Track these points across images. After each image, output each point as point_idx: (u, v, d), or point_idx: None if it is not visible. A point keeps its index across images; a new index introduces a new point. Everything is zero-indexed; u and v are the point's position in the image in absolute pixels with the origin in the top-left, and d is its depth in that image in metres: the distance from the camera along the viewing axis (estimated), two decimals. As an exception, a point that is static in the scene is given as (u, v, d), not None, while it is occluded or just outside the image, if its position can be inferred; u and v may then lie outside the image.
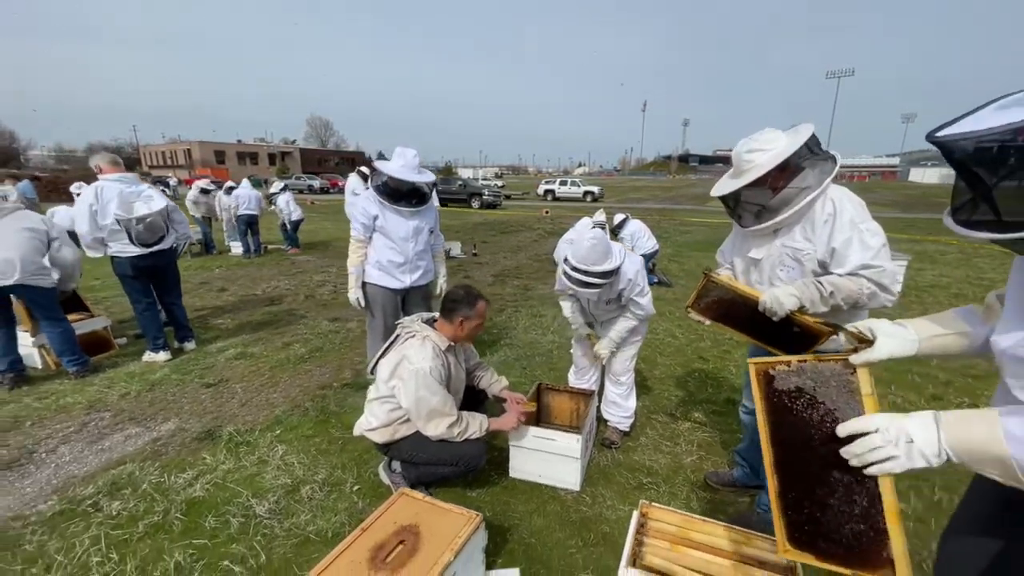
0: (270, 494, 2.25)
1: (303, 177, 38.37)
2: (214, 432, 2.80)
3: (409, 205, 2.93)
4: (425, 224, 3.08)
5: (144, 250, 3.52)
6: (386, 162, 2.95)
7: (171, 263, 3.86)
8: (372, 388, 2.21)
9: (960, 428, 0.88)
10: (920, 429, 0.90)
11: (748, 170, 1.69)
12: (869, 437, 0.93)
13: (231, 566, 1.84)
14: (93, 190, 3.38)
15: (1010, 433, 0.82)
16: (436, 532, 1.61)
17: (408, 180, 2.86)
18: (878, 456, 0.92)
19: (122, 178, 3.48)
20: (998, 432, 0.83)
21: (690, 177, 70.07)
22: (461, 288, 2.17)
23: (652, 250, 6.70)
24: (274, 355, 4.00)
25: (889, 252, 1.65)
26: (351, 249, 3.02)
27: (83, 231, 3.37)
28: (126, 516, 2.11)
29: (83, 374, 3.52)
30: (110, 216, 3.38)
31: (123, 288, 3.69)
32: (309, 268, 7.70)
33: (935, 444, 0.88)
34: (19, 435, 2.77)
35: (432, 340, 2.10)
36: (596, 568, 1.85)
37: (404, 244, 2.98)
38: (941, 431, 0.89)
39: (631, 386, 2.71)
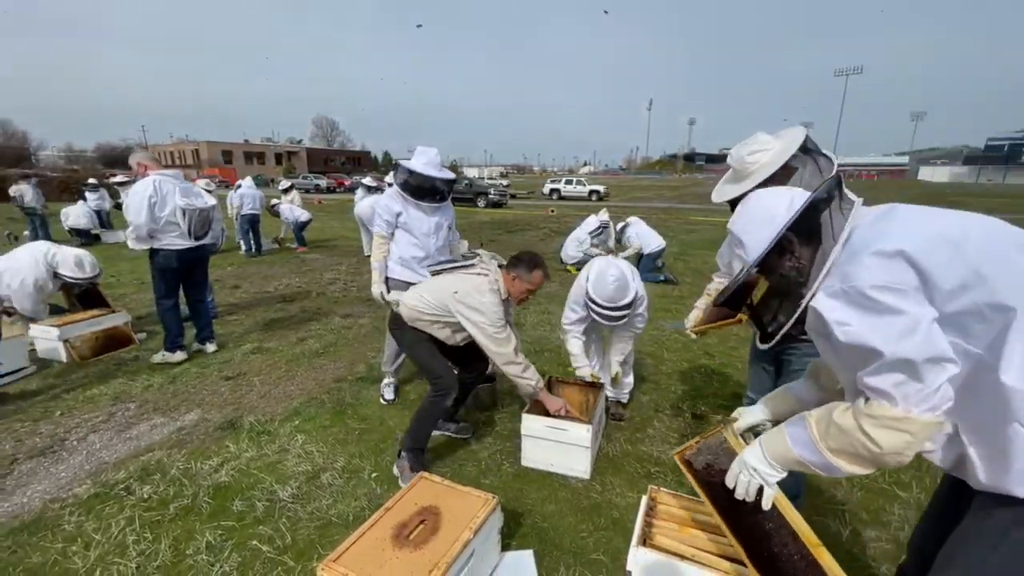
0: (292, 480, 2.35)
1: (309, 177, 38.69)
2: (235, 422, 2.90)
3: (432, 201, 3.04)
4: (445, 220, 3.19)
5: (194, 243, 3.64)
6: (410, 161, 3.06)
7: (207, 259, 3.98)
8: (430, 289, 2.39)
9: (769, 442, 1.17)
10: (750, 453, 1.21)
11: (754, 172, 1.74)
12: (736, 477, 1.24)
13: (259, 546, 1.93)
14: (152, 183, 3.46)
15: (793, 438, 1.11)
16: (455, 512, 1.70)
17: (433, 176, 2.98)
18: (744, 486, 1.21)
19: (175, 175, 3.64)
20: (787, 440, 1.12)
21: (696, 176, 69.83)
22: (529, 253, 2.35)
23: (659, 248, 6.77)
24: (289, 350, 4.10)
25: None
26: (375, 245, 3.13)
27: (140, 222, 3.41)
28: (157, 499, 2.21)
29: None
30: (168, 207, 3.49)
31: (155, 284, 3.69)
32: (319, 266, 7.82)
33: (763, 459, 1.18)
34: (50, 424, 2.89)
35: (498, 286, 2.30)
36: (607, 550, 1.93)
37: (426, 240, 3.08)
38: (763, 449, 1.19)
39: (630, 364, 2.95)
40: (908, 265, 0.90)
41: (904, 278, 0.90)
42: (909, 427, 0.92)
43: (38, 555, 1.90)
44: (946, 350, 0.88)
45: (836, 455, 1.03)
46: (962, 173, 60.03)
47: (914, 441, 0.93)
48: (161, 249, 3.57)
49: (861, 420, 0.96)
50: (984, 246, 0.90)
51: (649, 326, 4.67)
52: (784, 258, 1.07)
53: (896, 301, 0.89)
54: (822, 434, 1.05)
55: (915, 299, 0.90)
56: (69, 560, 1.87)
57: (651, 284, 6.48)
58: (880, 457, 0.96)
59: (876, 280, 0.90)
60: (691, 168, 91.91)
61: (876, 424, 0.94)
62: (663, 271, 6.88)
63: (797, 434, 1.11)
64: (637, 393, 3.29)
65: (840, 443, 1.01)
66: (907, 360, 0.88)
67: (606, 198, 25.75)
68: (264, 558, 1.88)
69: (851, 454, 1.01)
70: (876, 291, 0.90)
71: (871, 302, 0.91)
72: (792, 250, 1.06)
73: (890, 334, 0.89)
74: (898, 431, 0.92)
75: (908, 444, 0.93)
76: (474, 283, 2.29)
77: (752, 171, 1.75)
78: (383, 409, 3.09)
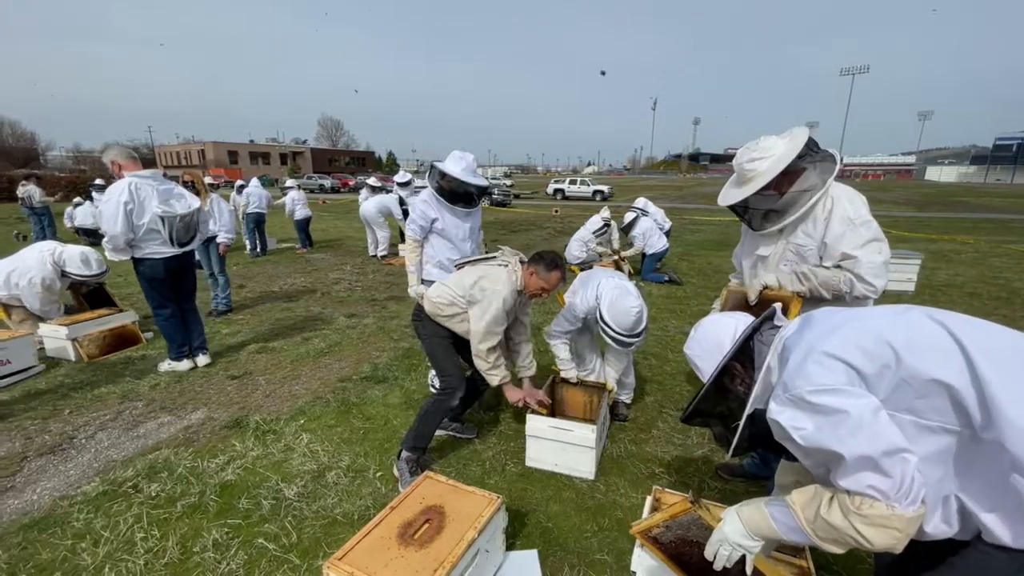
0: (298, 479, 2.36)
1: (314, 177, 38.81)
2: (241, 421, 2.92)
3: (466, 206, 3.10)
4: (476, 225, 3.27)
5: (178, 250, 3.39)
6: (448, 165, 3.09)
7: (193, 265, 3.73)
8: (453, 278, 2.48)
9: (751, 520, 1.20)
10: (732, 530, 1.23)
11: (753, 178, 1.76)
12: (716, 552, 1.26)
13: (265, 544, 1.95)
14: (126, 187, 3.12)
15: (774, 519, 1.15)
16: (460, 512, 1.70)
17: (472, 183, 3.04)
18: (724, 559, 1.24)
19: (154, 175, 3.33)
20: (772, 524, 1.16)
21: (701, 176, 69.59)
22: (553, 252, 2.39)
23: (662, 249, 6.76)
24: (294, 349, 4.12)
25: (881, 247, 1.71)
26: (409, 249, 3.20)
27: (116, 232, 3.11)
28: (164, 497, 2.23)
29: None
30: (147, 215, 3.20)
31: (147, 294, 3.45)
32: (323, 266, 7.85)
33: (745, 535, 1.21)
34: (59, 422, 2.92)
35: (515, 276, 2.35)
36: (611, 550, 1.94)
37: (462, 244, 3.16)
38: (744, 525, 1.21)
39: (630, 363, 2.94)
40: (837, 362, 0.98)
41: (836, 377, 0.97)
42: (895, 524, 0.95)
43: (48, 551, 1.92)
44: (896, 441, 0.93)
45: (825, 542, 1.07)
46: (970, 173, 59.50)
47: (902, 537, 0.97)
48: (144, 259, 3.31)
49: (852, 519, 0.99)
50: (897, 328, 0.99)
51: (660, 330, 4.66)
52: (731, 379, 1.21)
53: (835, 401, 0.95)
54: (811, 524, 1.08)
55: (852, 394, 0.95)
56: (78, 557, 1.89)
57: (656, 284, 6.49)
58: (872, 549, 1.00)
59: (812, 385, 0.98)
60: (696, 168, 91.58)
61: (866, 523, 0.97)
62: (665, 271, 6.88)
63: (782, 518, 1.14)
64: (641, 394, 3.28)
65: (829, 535, 1.05)
66: (866, 456, 0.93)
67: (610, 198, 25.71)
68: (270, 556, 1.89)
69: (840, 543, 1.05)
70: (815, 395, 0.97)
71: (813, 406, 0.98)
72: (735, 371, 1.21)
73: (840, 434, 0.95)
74: (887, 528, 0.96)
75: (898, 540, 0.97)
76: (494, 272, 2.36)
77: (751, 177, 1.77)
78: (388, 409, 3.10)
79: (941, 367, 0.92)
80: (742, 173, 1.81)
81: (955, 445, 0.94)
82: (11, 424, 2.88)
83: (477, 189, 3.07)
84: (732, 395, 1.23)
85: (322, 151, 68.93)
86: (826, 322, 1.09)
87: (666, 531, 1.54)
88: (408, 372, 3.62)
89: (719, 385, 1.23)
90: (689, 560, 1.50)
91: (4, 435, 2.76)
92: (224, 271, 5.10)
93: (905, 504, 0.93)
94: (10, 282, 3.79)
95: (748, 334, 1.22)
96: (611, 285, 2.65)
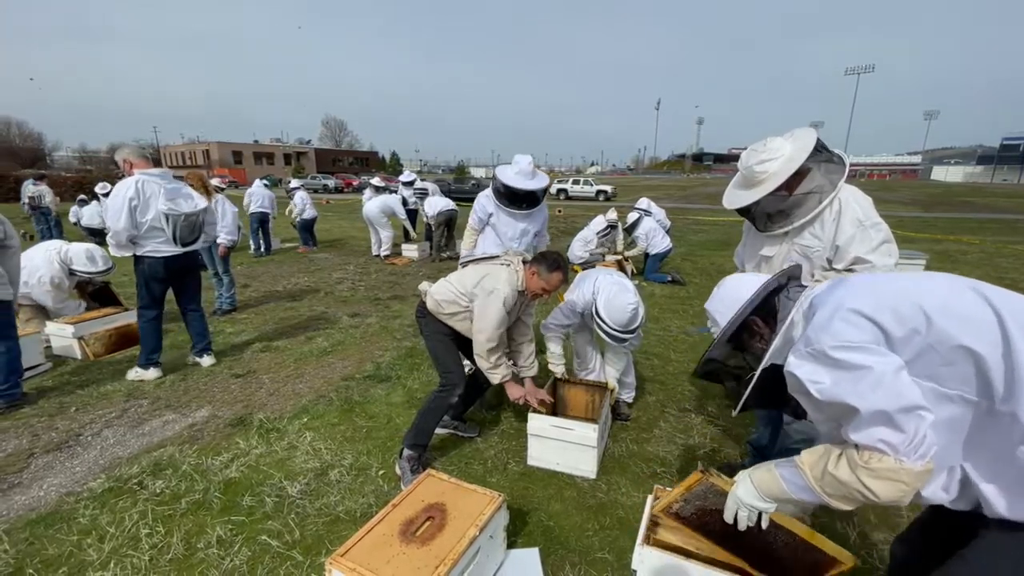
0: (301, 477, 2.38)
1: (318, 177, 39.00)
2: (245, 419, 2.94)
3: (519, 208, 3.20)
4: (532, 227, 3.32)
5: (180, 249, 3.38)
6: (504, 167, 3.19)
7: (198, 265, 3.69)
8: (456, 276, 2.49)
9: (760, 479, 1.23)
10: (745, 492, 1.26)
11: (764, 180, 1.74)
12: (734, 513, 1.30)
13: (268, 540, 1.96)
14: (133, 184, 3.16)
15: (784, 479, 1.17)
16: (461, 509, 1.71)
17: (518, 187, 3.11)
18: (744, 519, 1.28)
19: (163, 174, 3.35)
20: (781, 483, 1.18)
21: (704, 176, 69.34)
22: (556, 253, 2.43)
23: (665, 249, 6.75)
24: (298, 348, 4.15)
25: (891, 248, 1.71)
26: (466, 235, 3.46)
27: (119, 227, 3.14)
28: (169, 494, 2.25)
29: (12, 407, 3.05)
30: (151, 212, 3.21)
31: (138, 292, 3.40)
32: (327, 265, 7.88)
33: (758, 497, 1.24)
34: (65, 419, 2.95)
35: (517, 276, 2.36)
36: (612, 549, 1.94)
37: (511, 243, 3.26)
38: (756, 487, 1.24)
39: (630, 362, 2.95)
40: (865, 321, 0.97)
41: (862, 335, 0.97)
42: (903, 477, 0.96)
43: (54, 547, 1.94)
44: (915, 399, 0.93)
45: (833, 499, 1.09)
46: (976, 173, 59.08)
47: (908, 490, 0.98)
48: (145, 256, 3.29)
49: (859, 472, 1.00)
50: (934, 292, 0.97)
51: (663, 330, 4.66)
52: (749, 334, 1.23)
53: (858, 357, 0.95)
54: (818, 481, 1.10)
55: (876, 352, 0.95)
56: (84, 552, 1.91)
57: (658, 284, 6.48)
58: (877, 502, 1.02)
59: (836, 340, 0.98)
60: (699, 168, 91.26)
61: (872, 476, 0.99)
62: (667, 271, 6.87)
63: (791, 478, 1.16)
64: (643, 393, 3.29)
65: (837, 491, 1.07)
66: (882, 412, 0.93)
67: (613, 198, 25.67)
68: (273, 553, 1.91)
69: (848, 499, 1.07)
70: (838, 351, 0.97)
71: (835, 361, 0.98)
72: (755, 326, 1.22)
73: (860, 389, 0.95)
74: (893, 481, 0.97)
75: (904, 492, 0.98)
76: (496, 271, 2.37)
77: (762, 180, 1.75)
78: (391, 407, 3.11)
79: (973, 336, 0.91)
80: (751, 175, 1.79)
81: (970, 415, 0.94)
82: (18, 421, 2.91)
83: (525, 193, 3.14)
84: (749, 349, 1.23)
85: (326, 151, 69.17)
86: (859, 281, 1.08)
87: (685, 505, 1.58)
88: (411, 371, 3.64)
89: (736, 338, 1.23)
90: (713, 527, 1.55)
91: (11, 432, 2.79)
92: (228, 271, 5.13)
93: (914, 458, 0.94)
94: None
95: (772, 289, 1.22)
96: (608, 281, 2.67)
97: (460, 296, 2.38)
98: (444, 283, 2.47)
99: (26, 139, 57.83)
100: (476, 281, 2.35)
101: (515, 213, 3.21)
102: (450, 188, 22.23)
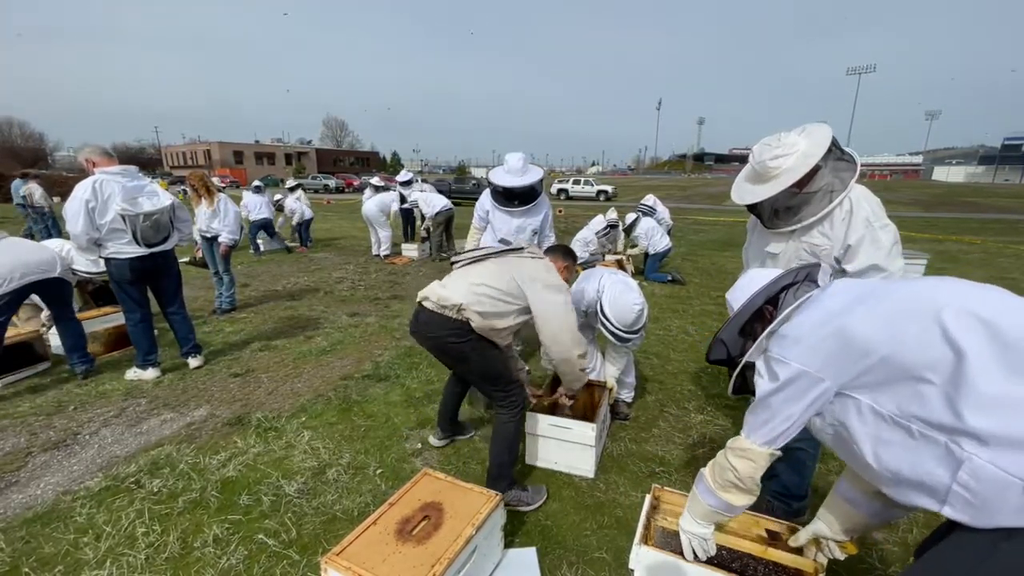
0: (298, 476, 2.37)
1: (319, 177, 39.00)
2: (243, 418, 2.93)
3: (512, 206, 3.21)
4: (530, 224, 3.30)
5: (145, 250, 3.21)
6: (497, 168, 3.23)
7: (172, 266, 3.49)
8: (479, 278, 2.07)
9: (691, 504, 1.48)
10: (683, 520, 1.51)
11: (777, 176, 1.70)
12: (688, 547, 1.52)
13: (265, 539, 1.95)
14: (90, 185, 3.03)
15: (700, 491, 1.43)
16: (458, 508, 1.70)
17: (507, 185, 3.13)
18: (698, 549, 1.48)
19: (124, 171, 3.17)
20: (697, 495, 1.43)
21: (705, 176, 69.30)
22: (565, 246, 2.45)
23: (665, 249, 6.74)
24: (297, 347, 4.14)
25: (900, 250, 1.69)
26: (470, 234, 3.58)
27: (77, 231, 3.01)
28: (166, 493, 2.25)
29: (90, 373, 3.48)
30: (111, 213, 3.07)
31: (116, 296, 3.35)
32: (327, 265, 7.88)
33: (691, 522, 1.47)
34: (63, 418, 2.94)
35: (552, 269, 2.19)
36: (610, 548, 1.93)
37: (506, 240, 3.27)
38: (689, 512, 1.49)
39: (630, 361, 2.93)
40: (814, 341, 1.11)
41: (801, 355, 1.12)
42: (751, 455, 1.25)
43: (50, 546, 1.93)
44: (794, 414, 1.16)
45: (723, 490, 1.33)
46: (977, 173, 59.00)
47: (756, 467, 1.26)
48: (110, 258, 3.18)
49: (727, 453, 1.32)
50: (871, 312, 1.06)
51: (663, 329, 4.65)
52: (759, 323, 1.29)
53: (778, 370, 1.16)
54: (712, 474, 1.37)
55: (792, 370, 1.13)
56: (80, 551, 1.90)
57: (659, 284, 6.47)
58: (742, 481, 1.29)
59: (781, 350, 1.16)
60: (700, 168, 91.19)
61: (733, 454, 1.30)
62: (668, 270, 6.86)
63: (702, 486, 1.41)
64: (643, 393, 3.28)
65: (721, 477, 1.33)
66: (767, 405, 1.19)
67: (614, 198, 25.65)
68: (270, 551, 1.90)
69: (729, 484, 1.31)
70: (773, 361, 1.18)
71: (768, 365, 1.19)
72: (765, 316, 1.29)
73: (765, 388, 1.18)
74: (744, 459, 1.27)
75: (753, 469, 1.26)
76: (543, 264, 2.15)
77: (775, 175, 1.71)
78: (389, 407, 3.10)
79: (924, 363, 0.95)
80: (764, 171, 1.74)
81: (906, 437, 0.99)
82: (16, 420, 2.91)
83: (516, 190, 3.15)
84: (754, 337, 1.29)
85: (327, 151, 69.21)
86: (847, 295, 1.14)
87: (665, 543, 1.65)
88: (409, 370, 3.63)
89: (745, 325, 1.31)
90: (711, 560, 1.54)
91: (9, 431, 2.79)
92: (228, 270, 5.13)
93: (760, 442, 1.23)
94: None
95: (785, 284, 1.28)
96: (614, 280, 2.66)
97: (504, 296, 2.04)
98: (475, 295, 2.03)
99: (27, 139, 57.94)
100: (531, 278, 2.08)
101: (511, 210, 3.23)
102: (451, 188, 22.22)
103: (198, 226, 5.02)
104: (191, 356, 3.71)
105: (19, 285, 3.13)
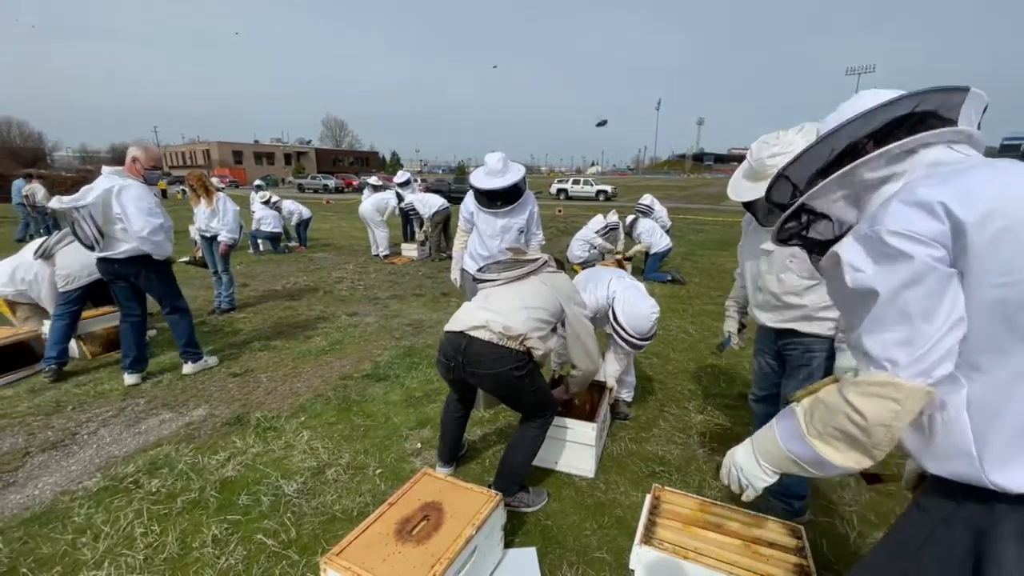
0: (297, 476, 2.37)
1: (318, 177, 38.94)
2: (242, 418, 2.93)
3: (492, 207, 3.17)
4: (515, 223, 3.26)
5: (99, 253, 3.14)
6: (477, 170, 3.20)
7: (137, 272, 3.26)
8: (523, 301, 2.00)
9: (760, 439, 1.10)
10: (740, 451, 1.16)
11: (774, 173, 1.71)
12: (727, 474, 1.19)
13: (264, 540, 1.95)
14: None
15: (782, 430, 1.04)
16: (458, 508, 1.70)
17: (484, 187, 3.10)
18: (736, 482, 1.16)
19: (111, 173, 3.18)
20: (775, 435, 1.05)
21: (705, 176, 69.30)
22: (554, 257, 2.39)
23: (665, 249, 6.73)
24: (296, 347, 4.13)
25: None
26: (456, 237, 3.50)
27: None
28: (165, 493, 2.24)
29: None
30: None
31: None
32: (326, 265, 7.87)
33: (751, 458, 1.12)
34: (61, 418, 2.93)
35: None
36: (610, 548, 1.93)
37: (491, 241, 3.25)
38: (753, 447, 1.11)
39: (631, 361, 2.93)
40: (943, 215, 0.79)
41: (929, 227, 0.79)
42: (894, 393, 0.82)
43: (48, 546, 1.93)
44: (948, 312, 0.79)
45: (823, 440, 0.94)
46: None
47: (901, 411, 0.83)
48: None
49: (845, 390, 0.88)
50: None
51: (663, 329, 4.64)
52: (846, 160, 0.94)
53: (909, 247, 0.80)
54: (807, 419, 0.97)
55: (932, 249, 0.79)
56: (78, 551, 1.89)
57: (658, 284, 6.46)
58: (868, 432, 0.87)
59: (896, 226, 0.81)
60: (700, 168, 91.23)
61: (859, 392, 0.86)
62: (667, 270, 6.85)
63: (785, 425, 1.04)
64: (643, 393, 3.27)
65: (825, 423, 0.93)
66: (904, 313, 0.81)
67: (614, 198, 25.65)
68: (269, 552, 1.89)
69: (838, 437, 0.92)
70: (892, 236, 0.81)
71: (885, 247, 0.82)
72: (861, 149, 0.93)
73: (892, 281, 0.81)
74: (883, 398, 0.83)
75: (894, 413, 0.83)
76: (566, 279, 2.17)
77: (772, 173, 1.72)
78: (388, 406, 3.10)
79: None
80: (761, 168, 1.75)
81: None
82: (14, 420, 2.90)
83: (495, 192, 3.09)
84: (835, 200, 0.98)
85: (326, 151, 69.17)
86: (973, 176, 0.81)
87: None
88: (409, 370, 3.62)
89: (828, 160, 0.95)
90: None
91: (7, 431, 2.78)
92: (228, 269, 5.12)
93: (910, 374, 0.81)
94: (15, 278, 3.81)
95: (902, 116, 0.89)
96: (624, 285, 2.63)
97: (549, 317, 2.03)
98: (529, 321, 1.95)
99: (27, 139, 57.81)
100: (568, 297, 2.09)
101: (494, 211, 3.17)
102: (450, 188, 22.21)
103: (197, 225, 5.03)
104: (186, 362, 3.61)
105: (87, 282, 3.60)
